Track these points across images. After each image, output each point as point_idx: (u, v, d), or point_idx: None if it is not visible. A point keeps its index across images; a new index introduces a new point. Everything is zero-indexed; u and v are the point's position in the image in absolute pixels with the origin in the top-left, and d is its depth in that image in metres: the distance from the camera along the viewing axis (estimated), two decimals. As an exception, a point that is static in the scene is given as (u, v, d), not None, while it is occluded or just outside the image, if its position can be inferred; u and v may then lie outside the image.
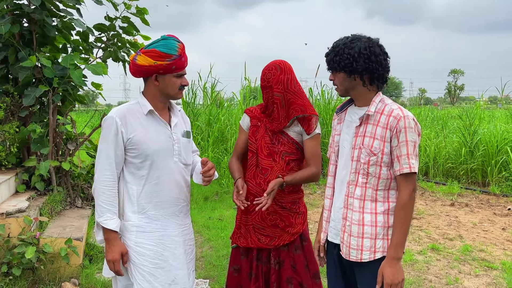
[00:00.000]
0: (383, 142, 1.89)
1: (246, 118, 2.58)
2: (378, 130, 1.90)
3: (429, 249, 4.80)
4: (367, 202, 1.93)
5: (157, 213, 2.12)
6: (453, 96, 70.63)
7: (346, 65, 1.91)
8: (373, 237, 1.92)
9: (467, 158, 8.57)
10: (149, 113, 2.12)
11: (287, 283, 2.44)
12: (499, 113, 13.23)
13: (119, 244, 2.05)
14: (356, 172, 1.95)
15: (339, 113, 2.13)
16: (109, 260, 2.04)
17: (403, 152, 1.85)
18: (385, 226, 1.92)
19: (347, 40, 1.94)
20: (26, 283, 3.33)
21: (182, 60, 2.08)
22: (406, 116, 1.87)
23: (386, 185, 1.93)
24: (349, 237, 1.95)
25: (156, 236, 2.11)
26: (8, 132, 4.26)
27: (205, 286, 3.59)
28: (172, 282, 2.12)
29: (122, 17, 4.85)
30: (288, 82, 2.41)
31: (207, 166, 2.16)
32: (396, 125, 1.86)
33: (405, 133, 1.85)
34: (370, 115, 1.94)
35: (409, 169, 1.85)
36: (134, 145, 2.06)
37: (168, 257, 2.12)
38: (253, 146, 2.51)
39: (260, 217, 2.46)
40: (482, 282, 3.87)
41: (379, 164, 1.90)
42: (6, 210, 3.54)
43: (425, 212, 6.43)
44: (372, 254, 1.92)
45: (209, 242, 4.87)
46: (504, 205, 6.89)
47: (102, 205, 2.03)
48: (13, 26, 4.17)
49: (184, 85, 2.13)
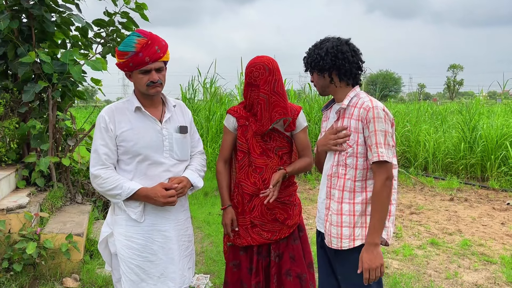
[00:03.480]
0: (357, 134, 1.99)
1: (231, 119, 2.52)
2: (352, 123, 2.01)
3: (428, 243, 4.82)
4: (346, 192, 2.03)
5: (146, 208, 2.13)
6: (452, 91, 70.58)
7: (316, 64, 2.06)
8: (351, 226, 2.01)
9: (467, 153, 8.58)
10: (137, 110, 2.14)
11: (285, 275, 2.47)
12: (499, 108, 13.22)
13: (153, 188, 2.08)
14: (337, 164, 2.06)
15: (325, 111, 2.24)
16: (158, 198, 2.07)
17: (373, 142, 1.95)
18: (362, 215, 2.02)
19: (318, 42, 2.11)
20: (27, 279, 3.34)
21: (139, 56, 2.03)
22: (375, 107, 1.96)
23: (363, 175, 2.02)
24: (331, 226, 2.06)
25: (145, 230, 2.13)
26: (8, 128, 4.25)
27: (205, 281, 3.60)
28: (161, 275, 2.15)
29: (121, 12, 4.84)
30: (275, 83, 2.39)
31: (172, 181, 2.13)
32: (366, 116, 1.96)
33: (374, 123, 1.94)
34: (345, 109, 2.05)
35: (378, 158, 1.93)
36: (122, 142, 2.09)
37: (157, 251, 2.14)
38: (243, 146, 2.48)
39: (260, 213, 2.47)
40: (481, 277, 3.89)
41: (355, 155, 2.01)
42: (7, 206, 3.55)
43: (425, 207, 6.45)
44: (352, 242, 2.02)
45: (209, 238, 4.89)
46: (503, 200, 6.91)
47: (111, 189, 2.06)
48: (12, 22, 4.16)
49: (152, 81, 2.07)
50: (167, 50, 2.13)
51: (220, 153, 2.59)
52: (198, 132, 2.71)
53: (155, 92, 2.11)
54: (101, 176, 2.07)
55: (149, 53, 2.03)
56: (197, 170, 2.28)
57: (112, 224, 2.17)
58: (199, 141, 2.41)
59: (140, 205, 2.12)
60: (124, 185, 2.06)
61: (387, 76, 69.47)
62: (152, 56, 2.04)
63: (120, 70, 2.14)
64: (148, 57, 2.03)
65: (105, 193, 2.10)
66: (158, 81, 2.08)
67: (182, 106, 2.36)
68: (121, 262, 2.12)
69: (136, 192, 2.06)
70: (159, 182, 2.12)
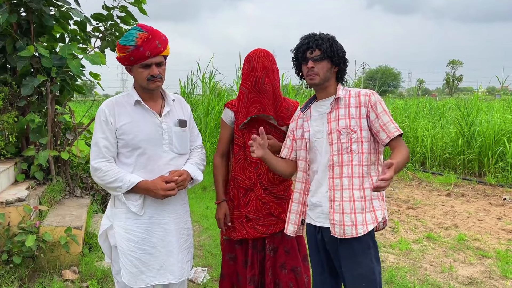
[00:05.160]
0: (359, 119, 2.06)
1: (229, 113, 2.54)
2: (352, 111, 2.07)
3: (424, 238, 4.86)
4: (355, 179, 2.05)
5: (146, 200, 2.16)
6: (451, 87, 70.58)
7: (340, 58, 2.11)
8: (364, 211, 2.04)
9: (464, 148, 8.61)
10: (136, 103, 2.16)
11: (280, 268, 2.50)
12: (497, 104, 13.24)
13: (153, 180, 2.10)
14: (338, 153, 2.07)
15: (305, 111, 2.24)
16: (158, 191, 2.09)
17: (385, 120, 2.04)
18: (371, 199, 2.06)
19: (327, 36, 2.13)
20: (27, 271, 3.37)
21: (140, 50, 2.05)
22: (373, 93, 2.10)
23: (369, 160, 2.06)
24: (342, 215, 2.05)
25: (144, 224, 2.16)
26: (6, 122, 4.26)
27: (203, 274, 3.63)
28: (160, 268, 2.18)
29: (119, 6, 4.84)
30: (256, 80, 2.40)
31: (172, 174, 2.15)
32: (369, 101, 2.07)
33: (380, 105, 2.06)
34: (339, 99, 2.11)
35: (398, 131, 2.03)
36: (121, 135, 2.12)
37: (156, 244, 2.17)
38: (240, 140, 2.51)
39: (255, 207, 2.50)
40: (476, 270, 3.93)
41: (360, 140, 2.05)
42: (6, 199, 3.57)
43: (421, 202, 6.49)
44: (365, 227, 2.04)
45: (207, 231, 4.92)
46: (500, 195, 6.95)
47: (111, 182, 2.08)
48: (11, 16, 4.15)
49: (153, 76, 2.09)
50: (167, 45, 2.15)
51: (218, 147, 2.61)
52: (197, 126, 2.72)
53: (155, 86, 2.13)
54: (101, 169, 2.09)
55: (150, 47, 2.05)
56: (196, 164, 2.31)
57: (111, 217, 2.20)
58: (198, 136, 2.42)
59: (140, 198, 2.14)
60: (125, 178, 2.08)
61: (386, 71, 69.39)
62: (153, 51, 2.06)
63: (119, 64, 2.16)
64: (149, 52, 2.05)
65: (106, 185, 2.12)
66: (158, 76, 2.10)
67: (181, 100, 2.38)
68: (120, 254, 2.15)
69: (137, 184, 2.08)
70: (159, 175, 2.14)
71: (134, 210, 2.13)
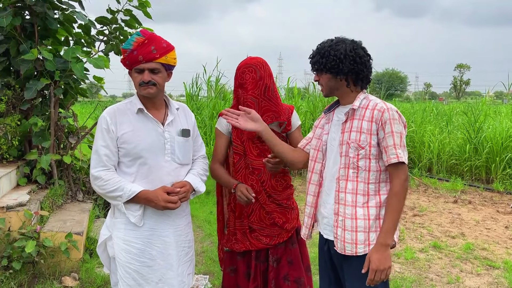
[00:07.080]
0: (370, 135, 1.94)
1: (224, 121, 2.45)
2: (364, 124, 1.96)
3: (431, 246, 4.77)
4: (359, 196, 1.96)
5: (146, 212, 2.11)
6: (458, 91, 70.17)
7: (333, 67, 1.98)
8: (367, 230, 1.95)
9: (471, 154, 8.50)
10: (139, 112, 2.11)
11: (283, 280, 2.44)
12: (505, 108, 13.09)
13: (154, 191, 2.06)
14: (345, 167, 1.99)
15: (327, 113, 2.17)
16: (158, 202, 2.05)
17: (389, 143, 1.91)
18: (377, 218, 1.96)
19: (332, 43, 2.01)
20: (26, 277, 3.34)
21: (134, 54, 2.01)
22: (389, 109, 1.94)
23: (376, 178, 1.97)
24: (343, 231, 1.98)
25: (144, 235, 2.10)
26: (9, 125, 4.25)
27: (204, 282, 3.58)
28: (159, 281, 2.12)
29: (124, 10, 4.82)
30: (265, 88, 2.37)
31: (175, 186, 2.11)
32: (381, 117, 1.92)
33: (390, 125, 1.91)
34: (356, 110, 2.00)
35: (397, 159, 1.89)
36: (123, 143, 2.07)
37: (155, 256, 2.11)
38: (239, 148, 2.44)
39: (259, 217, 2.44)
40: (484, 282, 3.85)
41: (368, 157, 1.95)
42: (7, 203, 3.54)
43: (428, 209, 6.39)
44: (367, 247, 1.95)
45: (210, 237, 4.87)
46: (508, 202, 6.84)
47: (112, 191, 2.04)
48: (15, 19, 4.14)
49: (143, 81, 2.03)
50: (167, 53, 2.07)
51: (214, 156, 2.53)
52: (200, 130, 2.68)
53: (146, 93, 2.07)
54: (102, 177, 2.05)
55: (143, 52, 2.01)
56: (199, 175, 2.25)
57: (111, 227, 2.15)
58: (201, 145, 2.37)
59: (140, 209, 2.09)
60: (126, 187, 2.03)
61: (393, 74, 69.08)
62: (146, 56, 2.02)
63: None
64: (141, 56, 2.01)
65: (106, 195, 2.07)
66: (150, 82, 2.04)
67: (186, 109, 2.32)
68: (118, 266, 2.10)
69: (137, 194, 2.04)
70: (160, 185, 2.09)
71: (133, 220, 2.08)
